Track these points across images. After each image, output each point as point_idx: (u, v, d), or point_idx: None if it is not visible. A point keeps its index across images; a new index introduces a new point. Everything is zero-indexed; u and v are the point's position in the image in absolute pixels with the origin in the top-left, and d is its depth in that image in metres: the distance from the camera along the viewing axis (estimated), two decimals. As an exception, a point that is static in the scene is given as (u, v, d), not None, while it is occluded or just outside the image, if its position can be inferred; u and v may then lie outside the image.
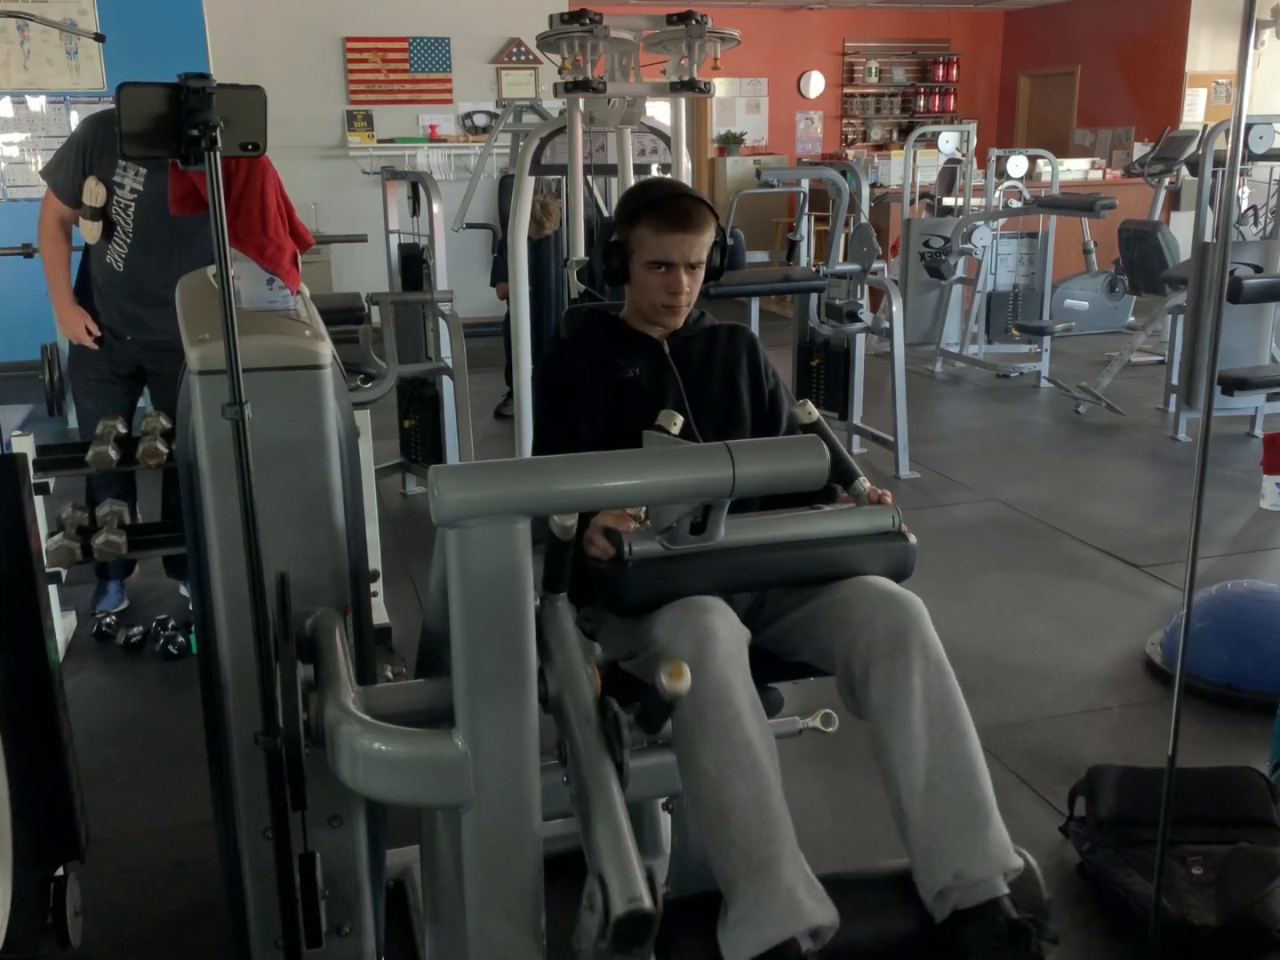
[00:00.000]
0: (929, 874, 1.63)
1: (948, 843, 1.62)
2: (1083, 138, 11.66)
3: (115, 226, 3.24)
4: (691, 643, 1.65)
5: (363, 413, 3.20)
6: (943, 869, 1.61)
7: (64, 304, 3.35)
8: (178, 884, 2.30)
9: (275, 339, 1.56)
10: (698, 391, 2.10)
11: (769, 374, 2.19)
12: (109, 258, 3.29)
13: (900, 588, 1.80)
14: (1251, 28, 1.09)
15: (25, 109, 6.93)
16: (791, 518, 1.84)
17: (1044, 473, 5.05)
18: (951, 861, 1.61)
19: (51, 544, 2.84)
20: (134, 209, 3.22)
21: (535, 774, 1.33)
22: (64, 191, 3.23)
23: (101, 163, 3.16)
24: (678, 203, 2.03)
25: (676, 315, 2.09)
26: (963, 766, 1.66)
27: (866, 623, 1.72)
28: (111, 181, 3.17)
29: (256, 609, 1.38)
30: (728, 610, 1.76)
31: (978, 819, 1.64)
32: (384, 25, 8.44)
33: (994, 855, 1.62)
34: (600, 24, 3.04)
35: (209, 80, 1.32)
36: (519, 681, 1.30)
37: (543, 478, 1.30)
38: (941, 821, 1.64)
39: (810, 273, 5.11)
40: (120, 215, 3.23)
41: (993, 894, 1.60)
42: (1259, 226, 6.21)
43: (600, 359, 2.09)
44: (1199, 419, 1.46)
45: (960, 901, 1.59)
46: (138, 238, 3.26)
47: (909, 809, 1.66)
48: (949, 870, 1.61)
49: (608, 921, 1.23)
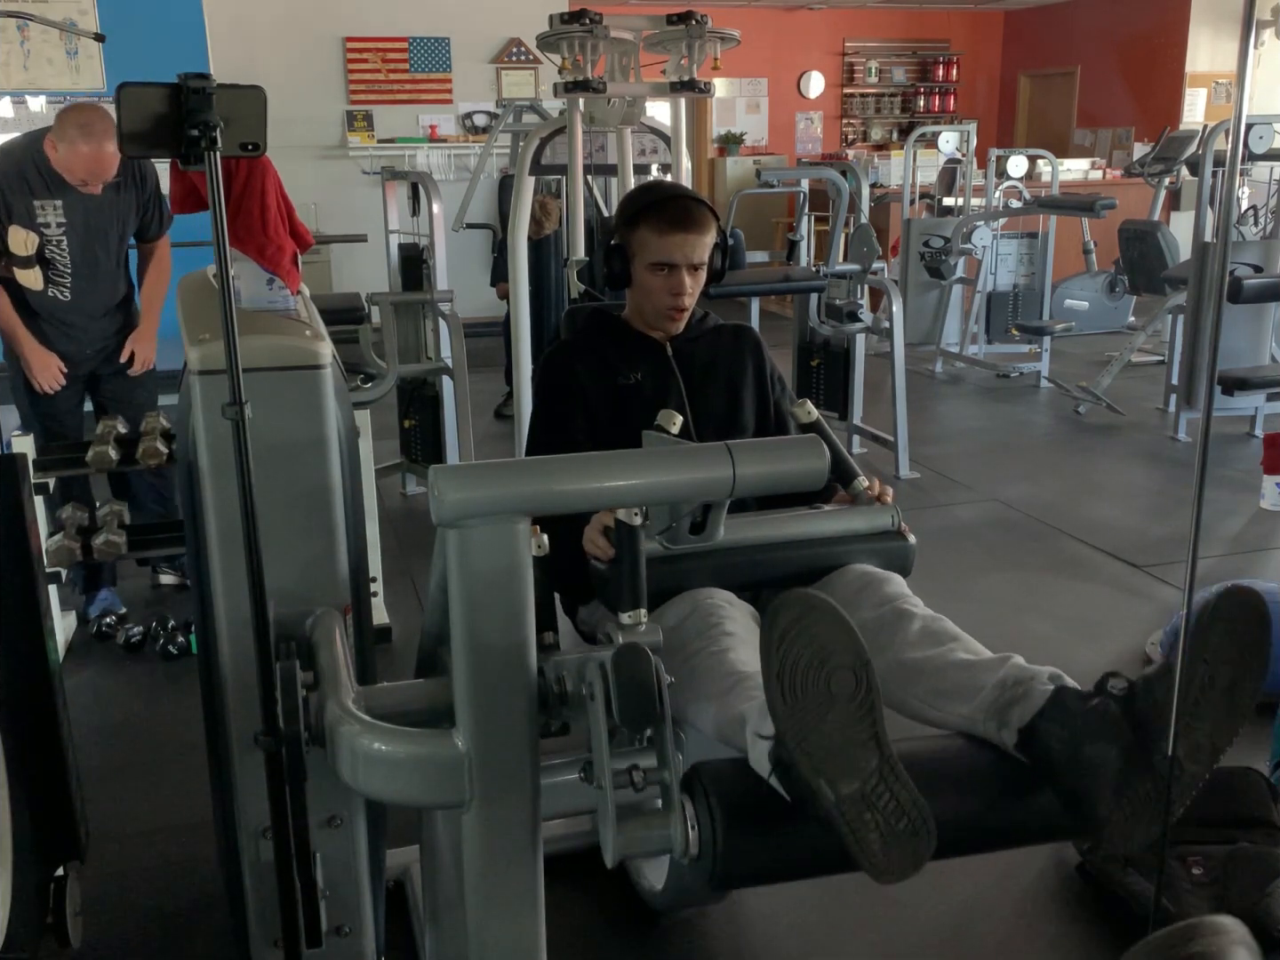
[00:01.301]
0: (966, 702, 1.48)
1: (967, 671, 1.52)
2: (1083, 138, 11.66)
3: (50, 263, 3.19)
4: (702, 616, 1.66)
5: (363, 413, 3.21)
6: (977, 690, 1.48)
7: (33, 350, 3.25)
8: (178, 884, 2.30)
9: (275, 339, 1.56)
10: (700, 399, 2.09)
11: (774, 382, 2.17)
12: (51, 292, 3.24)
13: (879, 570, 1.79)
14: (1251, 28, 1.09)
15: (25, 109, 6.93)
16: (791, 517, 1.84)
17: (1044, 473, 5.05)
18: (981, 677, 1.49)
19: (51, 544, 2.84)
20: (66, 241, 3.19)
21: (535, 774, 1.33)
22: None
23: (18, 210, 3.11)
24: (679, 204, 2.03)
25: (678, 320, 2.08)
26: (957, 643, 1.60)
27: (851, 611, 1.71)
28: (36, 224, 3.13)
29: (256, 609, 1.38)
30: (736, 599, 1.76)
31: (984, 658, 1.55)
32: (384, 25, 8.43)
33: (1020, 663, 1.51)
34: (600, 24, 3.03)
35: (209, 80, 1.32)
36: (519, 681, 1.30)
37: (543, 478, 1.30)
38: (946, 665, 1.55)
39: (810, 273, 5.11)
40: (55, 252, 3.19)
41: (1048, 685, 1.43)
42: (1259, 226, 6.21)
43: (601, 362, 2.08)
44: (1199, 419, 1.46)
45: (1022, 716, 1.41)
46: (77, 265, 3.23)
47: (913, 676, 1.57)
48: (985, 685, 1.47)
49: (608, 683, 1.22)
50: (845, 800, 1.24)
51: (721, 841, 1.30)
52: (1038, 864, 2.31)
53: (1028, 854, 2.34)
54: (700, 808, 1.31)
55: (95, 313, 3.35)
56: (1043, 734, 1.39)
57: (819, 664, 1.24)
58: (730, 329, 2.19)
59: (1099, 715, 1.35)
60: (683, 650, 1.61)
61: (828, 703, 1.24)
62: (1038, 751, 1.40)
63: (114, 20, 6.65)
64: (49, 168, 3.13)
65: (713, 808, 1.31)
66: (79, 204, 3.19)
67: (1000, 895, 2.24)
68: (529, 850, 1.36)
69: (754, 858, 1.35)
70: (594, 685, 1.25)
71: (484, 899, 1.37)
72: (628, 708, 1.22)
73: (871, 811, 1.24)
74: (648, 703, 1.22)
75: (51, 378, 3.28)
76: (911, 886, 2.28)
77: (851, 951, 2.12)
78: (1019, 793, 1.44)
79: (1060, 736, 1.37)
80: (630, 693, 1.21)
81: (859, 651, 1.25)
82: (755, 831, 1.34)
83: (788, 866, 1.43)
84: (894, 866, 1.25)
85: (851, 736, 1.24)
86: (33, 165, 3.14)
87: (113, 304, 3.42)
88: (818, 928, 2.16)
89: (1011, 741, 1.42)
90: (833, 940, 2.14)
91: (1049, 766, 1.38)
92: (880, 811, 1.24)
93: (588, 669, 1.28)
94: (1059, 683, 1.44)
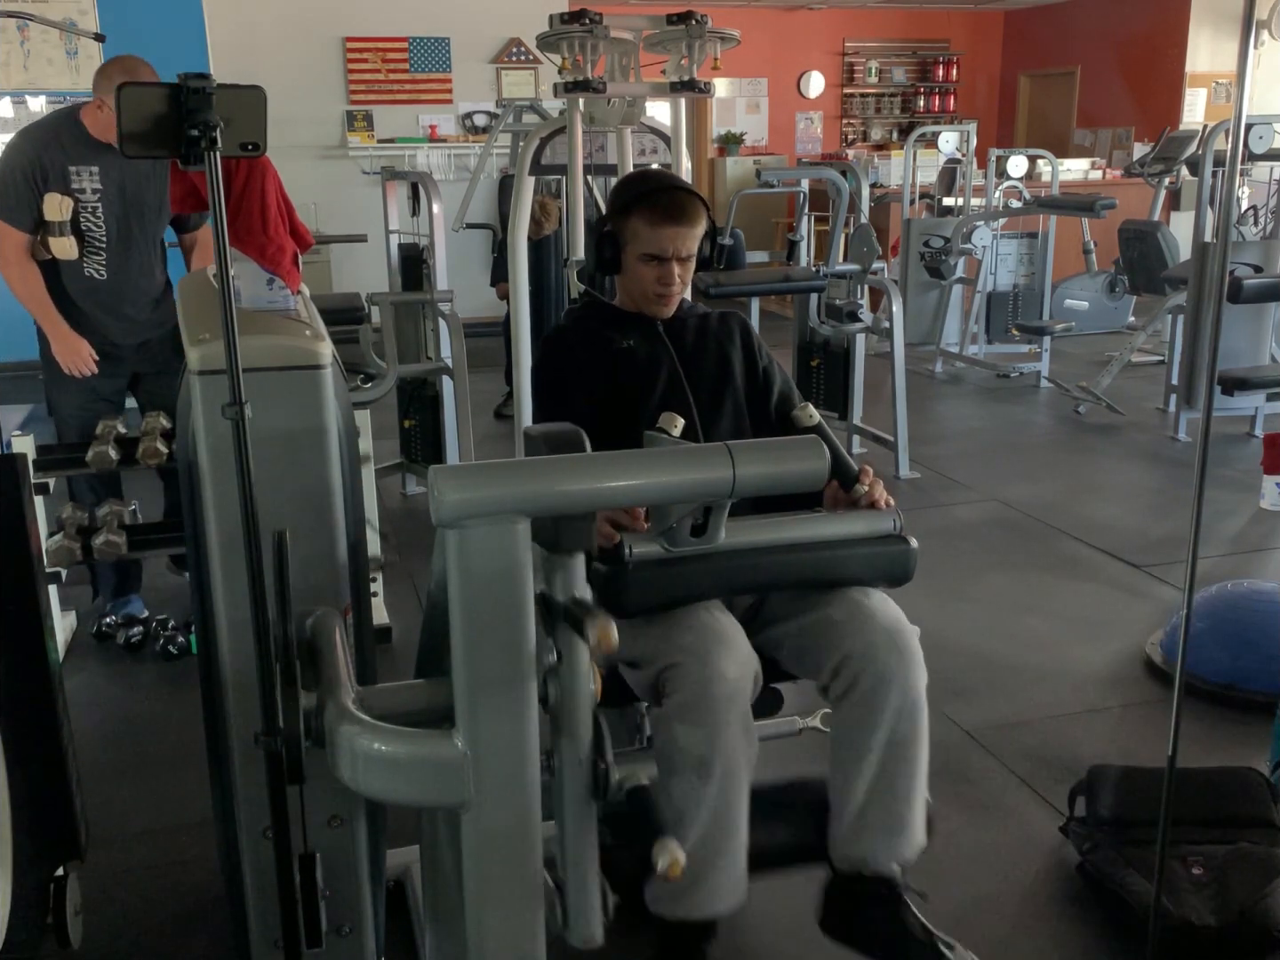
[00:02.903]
0: (843, 845, 1.85)
1: (869, 838, 1.83)
2: (1083, 138, 11.66)
3: (85, 236, 3.16)
4: (697, 682, 1.69)
5: (363, 413, 3.21)
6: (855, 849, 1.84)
7: (62, 333, 3.21)
8: (178, 884, 2.30)
9: (275, 339, 1.56)
10: (691, 364, 2.13)
11: (762, 352, 2.22)
12: (88, 270, 3.20)
13: (897, 614, 1.83)
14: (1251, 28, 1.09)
15: (25, 109, 6.93)
16: (793, 521, 1.83)
17: (1044, 473, 5.05)
18: (864, 848, 1.83)
19: (51, 544, 2.84)
20: (101, 209, 3.15)
21: (535, 774, 1.33)
22: (20, 219, 3.11)
23: (54, 175, 3.09)
24: (671, 196, 2.06)
25: (668, 304, 2.12)
26: (902, 793, 1.82)
27: (858, 654, 1.78)
28: (72, 190, 3.10)
29: (256, 609, 1.38)
30: (737, 636, 1.78)
31: (901, 836, 1.84)
32: (384, 25, 8.44)
33: (901, 855, 1.84)
34: (600, 24, 3.03)
35: (209, 80, 1.32)
36: (519, 681, 1.29)
37: (543, 478, 1.30)
38: (867, 823, 1.83)
39: (810, 273, 5.11)
40: (90, 221, 3.16)
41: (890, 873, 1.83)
42: (1259, 226, 6.22)
43: (596, 337, 2.13)
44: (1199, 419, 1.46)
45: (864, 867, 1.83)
46: (112, 237, 3.19)
47: (842, 804, 1.85)
48: (860, 852, 1.83)
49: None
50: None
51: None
52: (1038, 864, 2.31)
53: (1028, 854, 2.34)
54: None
55: (134, 299, 3.30)
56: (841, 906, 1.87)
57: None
58: (717, 314, 2.24)
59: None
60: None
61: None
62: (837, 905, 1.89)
63: (114, 20, 6.66)
64: (86, 134, 3.10)
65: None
66: (115, 170, 3.15)
67: (1000, 895, 2.24)
68: (529, 850, 1.36)
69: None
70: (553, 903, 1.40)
71: (484, 899, 1.37)
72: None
73: None
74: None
75: (80, 361, 3.23)
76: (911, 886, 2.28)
77: (851, 952, 2.11)
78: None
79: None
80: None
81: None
82: None
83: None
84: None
85: None
86: (69, 132, 3.11)
87: (152, 294, 3.36)
88: (818, 927, 2.16)
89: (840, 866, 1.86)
90: (833, 940, 2.13)
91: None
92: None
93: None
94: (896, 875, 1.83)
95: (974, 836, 2.39)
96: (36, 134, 3.17)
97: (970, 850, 2.36)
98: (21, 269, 3.17)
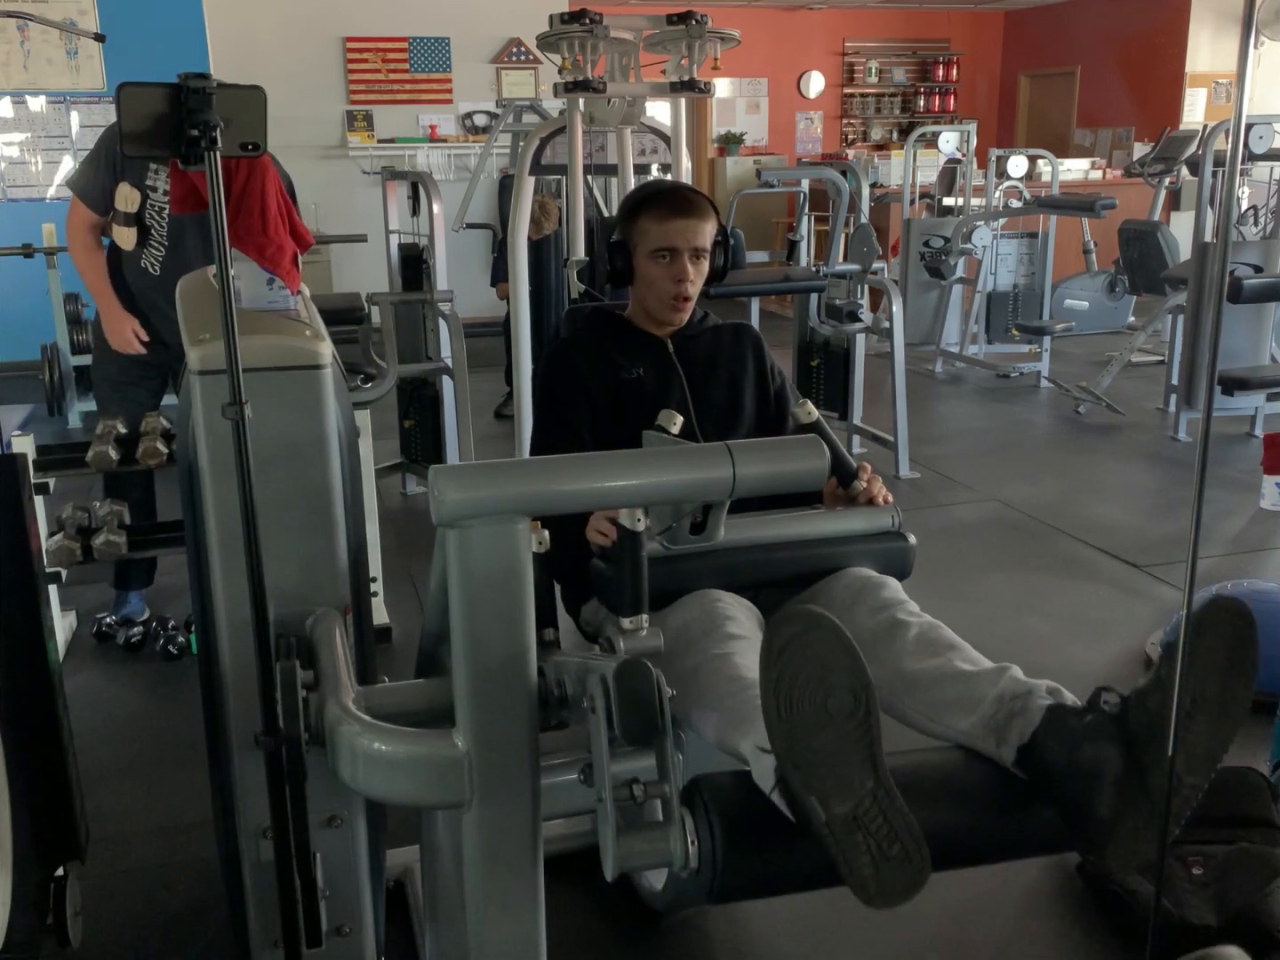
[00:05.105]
0: (965, 716, 1.47)
1: (966, 683, 1.50)
2: (1083, 138, 11.66)
3: (149, 231, 3.23)
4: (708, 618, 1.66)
5: (363, 413, 3.21)
6: (976, 703, 1.47)
7: (114, 312, 3.30)
8: (178, 884, 2.30)
9: (275, 339, 1.56)
10: (701, 394, 2.10)
11: (774, 373, 2.19)
12: (144, 262, 3.27)
13: (875, 574, 1.80)
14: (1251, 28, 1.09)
15: (25, 109, 6.93)
16: (792, 518, 1.84)
17: (1044, 473, 5.05)
18: (979, 689, 1.48)
19: (51, 544, 2.84)
20: (168, 211, 3.21)
21: (535, 774, 1.33)
22: (93, 200, 3.20)
23: (133, 167, 3.14)
24: (677, 192, 2.07)
25: (682, 310, 2.09)
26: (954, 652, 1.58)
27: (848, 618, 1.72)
28: (144, 186, 3.16)
29: (256, 609, 1.38)
30: (742, 601, 1.76)
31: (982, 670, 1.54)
32: (384, 25, 8.44)
33: (1018, 676, 1.49)
34: (600, 24, 3.03)
35: (209, 80, 1.32)
36: (519, 681, 1.29)
37: (543, 478, 1.30)
38: (944, 676, 1.53)
39: (810, 273, 5.11)
40: (154, 219, 3.22)
41: (1046, 699, 1.42)
42: (1259, 226, 6.21)
43: (603, 358, 2.09)
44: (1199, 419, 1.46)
45: (1020, 734, 1.40)
46: (172, 240, 3.26)
47: (911, 687, 1.55)
48: (984, 698, 1.46)
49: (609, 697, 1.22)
50: (835, 820, 1.22)
51: (721, 857, 1.29)
52: (1038, 864, 2.31)
53: (1028, 854, 2.34)
54: (700, 822, 1.30)
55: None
56: (1040, 751, 1.38)
57: (817, 681, 1.23)
58: (730, 327, 2.20)
59: (1093, 732, 1.35)
60: (687, 653, 1.61)
61: (823, 721, 1.23)
62: (1035, 768, 1.40)
63: (114, 20, 6.66)
64: None
65: (713, 823, 1.30)
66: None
67: (1000, 896, 2.23)
68: (529, 850, 1.36)
69: (753, 873, 1.35)
70: (595, 699, 1.25)
71: (484, 899, 1.37)
72: (629, 723, 1.22)
73: (863, 834, 1.23)
74: (649, 718, 1.22)
75: (126, 340, 3.30)
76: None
77: (851, 951, 2.12)
78: (1016, 808, 1.44)
79: (1058, 753, 1.37)
80: (631, 709, 1.22)
81: (860, 673, 1.24)
82: (755, 847, 1.34)
83: (786, 882, 1.43)
84: (885, 891, 1.23)
85: (846, 757, 1.24)
86: None
87: None
88: (818, 928, 2.16)
89: (1010, 759, 1.42)
90: (832, 940, 2.13)
91: (1047, 783, 1.38)
92: (872, 835, 1.23)
93: (589, 681, 1.28)
94: (1057, 697, 1.44)
95: (974, 836, 2.39)
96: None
97: (970, 850, 2.35)
98: (85, 242, 3.29)
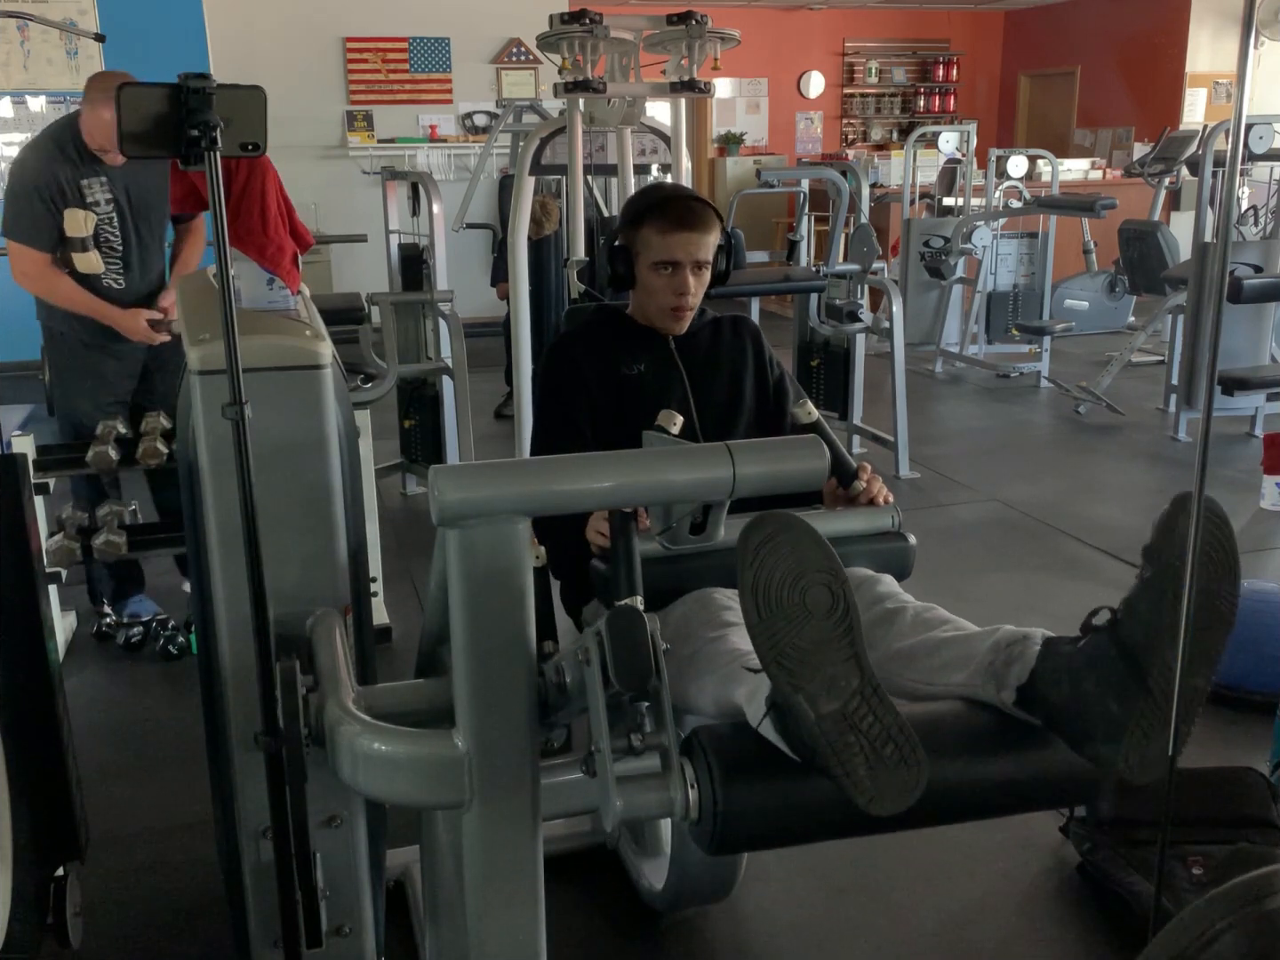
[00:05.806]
0: (962, 670, 1.46)
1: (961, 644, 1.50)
2: (1083, 138, 11.66)
3: (105, 246, 3.14)
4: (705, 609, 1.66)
5: (363, 413, 3.21)
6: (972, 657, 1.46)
7: (117, 315, 3.20)
8: (178, 884, 2.30)
9: (275, 339, 1.56)
10: (703, 390, 2.10)
11: (773, 365, 2.19)
12: (106, 282, 3.19)
13: (870, 571, 1.79)
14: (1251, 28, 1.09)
15: (25, 109, 6.93)
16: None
17: (1044, 473, 5.05)
18: (974, 645, 1.47)
19: (51, 544, 2.84)
20: (116, 219, 3.13)
21: (535, 774, 1.33)
22: (44, 241, 3.09)
23: (70, 190, 3.06)
24: (682, 203, 2.04)
25: (681, 321, 2.08)
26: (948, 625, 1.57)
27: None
28: (87, 203, 3.07)
29: (256, 609, 1.38)
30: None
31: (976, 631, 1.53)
32: (384, 25, 8.43)
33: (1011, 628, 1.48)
34: (600, 24, 3.03)
35: (209, 80, 1.32)
36: (519, 681, 1.30)
37: (543, 478, 1.30)
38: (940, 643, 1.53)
39: (810, 273, 5.11)
40: (107, 231, 3.14)
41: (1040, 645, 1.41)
42: (1259, 226, 6.22)
43: (604, 355, 2.09)
44: (1199, 419, 1.46)
45: (1019, 674, 1.39)
46: (129, 245, 3.18)
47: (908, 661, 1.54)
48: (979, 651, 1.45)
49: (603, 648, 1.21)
50: (826, 719, 1.21)
51: (722, 801, 1.28)
52: (1038, 864, 2.31)
53: (1028, 854, 2.34)
54: (700, 768, 1.30)
55: (146, 302, 3.27)
56: (1040, 685, 1.37)
57: (794, 578, 1.23)
58: (729, 320, 2.20)
59: (1090, 651, 1.35)
60: (685, 643, 1.61)
61: (803, 617, 1.22)
62: (1037, 703, 1.38)
63: (114, 20, 6.66)
64: (84, 143, 3.07)
65: (712, 767, 1.29)
66: (120, 178, 3.11)
67: (1000, 895, 2.24)
68: (529, 850, 1.36)
69: (755, 818, 1.34)
70: (590, 651, 1.24)
71: (484, 899, 1.37)
72: (623, 668, 1.20)
73: (855, 734, 1.22)
74: (643, 662, 1.20)
75: (145, 331, 3.22)
76: (911, 886, 2.29)
77: (851, 951, 2.12)
78: (1021, 751, 1.42)
79: (1057, 682, 1.35)
80: (626, 653, 1.20)
81: (835, 570, 1.24)
82: (756, 791, 1.32)
83: (789, 827, 1.40)
84: (883, 794, 1.22)
85: (829, 655, 1.23)
86: (71, 143, 3.08)
87: (154, 291, 3.36)
88: (817, 927, 2.16)
89: (1011, 700, 1.40)
90: (832, 940, 2.14)
91: (1050, 714, 1.37)
92: (864, 734, 1.22)
93: (585, 637, 1.28)
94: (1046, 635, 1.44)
95: (974, 837, 2.39)
96: (44, 149, 3.12)
97: (970, 850, 2.36)
98: (49, 282, 3.16)
